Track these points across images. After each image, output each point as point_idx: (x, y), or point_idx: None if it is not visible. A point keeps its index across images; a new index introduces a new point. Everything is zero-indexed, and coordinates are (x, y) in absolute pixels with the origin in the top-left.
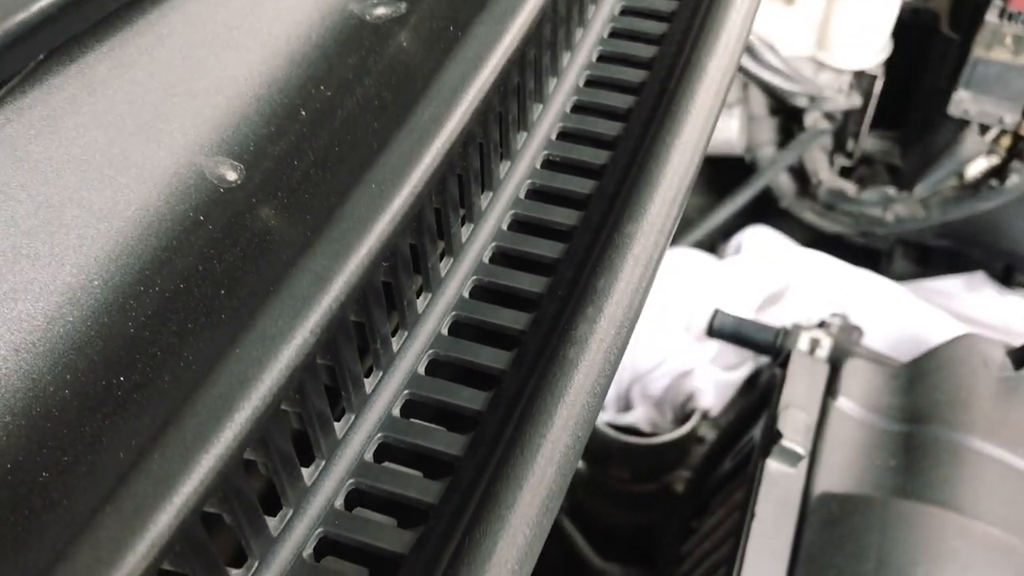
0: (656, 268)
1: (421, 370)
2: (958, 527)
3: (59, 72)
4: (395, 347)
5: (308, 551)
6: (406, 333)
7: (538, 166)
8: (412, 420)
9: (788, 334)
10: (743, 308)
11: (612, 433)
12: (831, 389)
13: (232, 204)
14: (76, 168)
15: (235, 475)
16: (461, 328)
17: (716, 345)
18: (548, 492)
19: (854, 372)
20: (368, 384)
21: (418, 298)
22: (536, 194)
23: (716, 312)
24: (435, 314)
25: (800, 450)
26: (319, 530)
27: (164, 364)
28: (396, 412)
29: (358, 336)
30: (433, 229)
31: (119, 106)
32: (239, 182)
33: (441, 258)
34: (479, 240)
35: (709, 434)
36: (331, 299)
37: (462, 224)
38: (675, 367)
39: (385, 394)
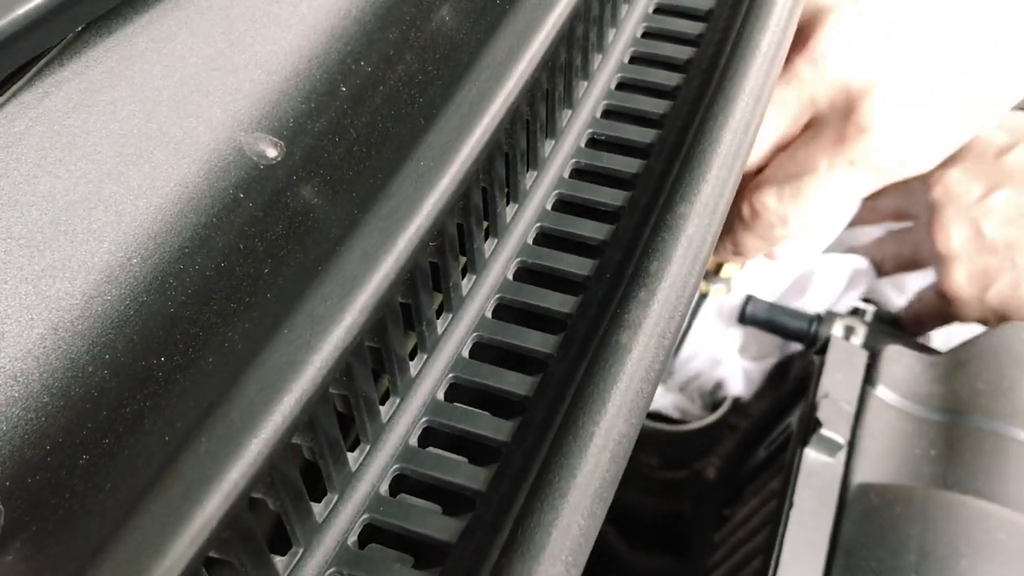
0: (708, 251)
1: (466, 353)
2: (1001, 519)
3: (97, 45)
4: (440, 330)
5: (352, 538)
6: (451, 316)
7: (583, 145)
8: (457, 404)
9: (823, 321)
10: (770, 295)
11: None
12: (870, 377)
13: (273, 181)
14: (114, 143)
15: (283, 460)
16: (506, 311)
17: (745, 332)
18: (602, 481)
19: (893, 360)
20: (412, 367)
21: (462, 280)
22: (581, 173)
23: (749, 298)
24: (480, 296)
25: (840, 439)
26: (364, 516)
27: (207, 345)
28: (441, 396)
29: (403, 318)
30: (479, 209)
31: (157, 80)
32: (279, 159)
33: (485, 239)
34: (523, 221)
35: (740, 422)
36: (380, 279)
37: (506, 204)
38: (705, 353)
39: (430, 378)
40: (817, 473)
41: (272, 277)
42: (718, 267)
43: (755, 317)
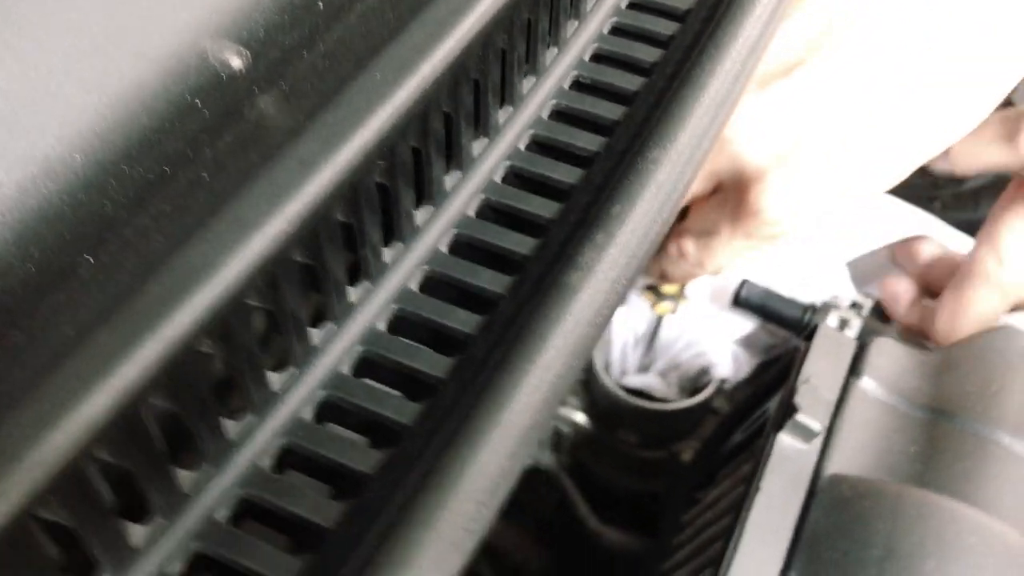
0: (678, 201)
1: (414, 286)
2: (975, 523)
3: None
4: (388, 258)
5: (268, 462)
6: (401, 245)
7: (566, 87)
8: (397, 337)
9: (817, 311)
10: (774, 283)
11: (622, 395)
12: (855, 367)
13: (232, 92)
14: (70, 34)
15: (189, 367)
16: (462, 247)
17: (739, 318)
18: (532, 422)
19: (881, 352)
20: (353, 293)
21: (418, 210)
22: (560, 115)
23: (744, 282)
24: (435, 229)
25: (816, 426)
26: (283, 441)
27: (136, 247)
28: (382, 327)
29: (347, 242)
30: (440, 136)
31: None
32: (243, 70)
33: (448, 171)
34: (491, 157)
35: (722, 407)
36: (315, 189)
37: (475, 138)
38: (695, 335)
39: (371, 306)
40: (789, 459)
41: (213, 185)
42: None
43: (748, 301)
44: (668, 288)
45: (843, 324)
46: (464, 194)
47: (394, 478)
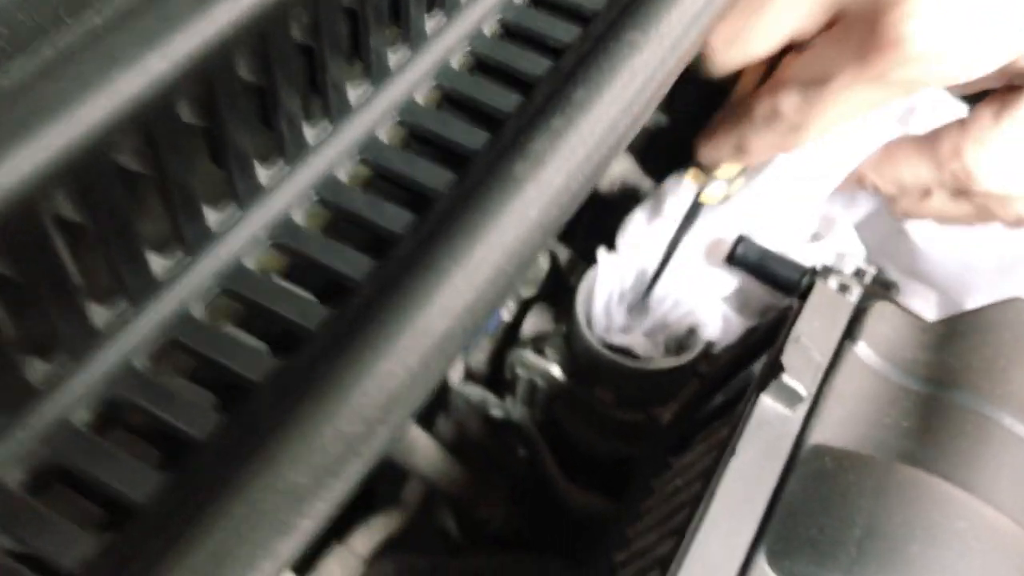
0: (660, 91)
1: (343, 177)
2: (966, 508)
3: None
4: (311, 139)
5: (146, 361)
6: (328, 125)
7: None
8: (319, 234)
9: (817, 274)
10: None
11: (602, 350)
12: (851, 331)
13: None
14: None
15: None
16: (409, 140)
17: (732, 277)
18: (448, 330)
19: (880, 317)
20: (264, 175)
21: (356, 88)
22: (537, 3)
23: (740, 238)
24: (376, 112)
25: (802, 390)
26: (167, 338)
27: None
28: (298, 219)
29: None
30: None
31: None
32: None
33: (395, 45)
34: (449, 36)
35: (707, 370)
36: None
37: (429, 10)
38: (685, 294)
39: (287, 193)
40: (770, 424)
41: None
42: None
43: (744, 259)
44: (723, 170)
45: (843, 289)
46: (412, 75)
47: (284, 386)
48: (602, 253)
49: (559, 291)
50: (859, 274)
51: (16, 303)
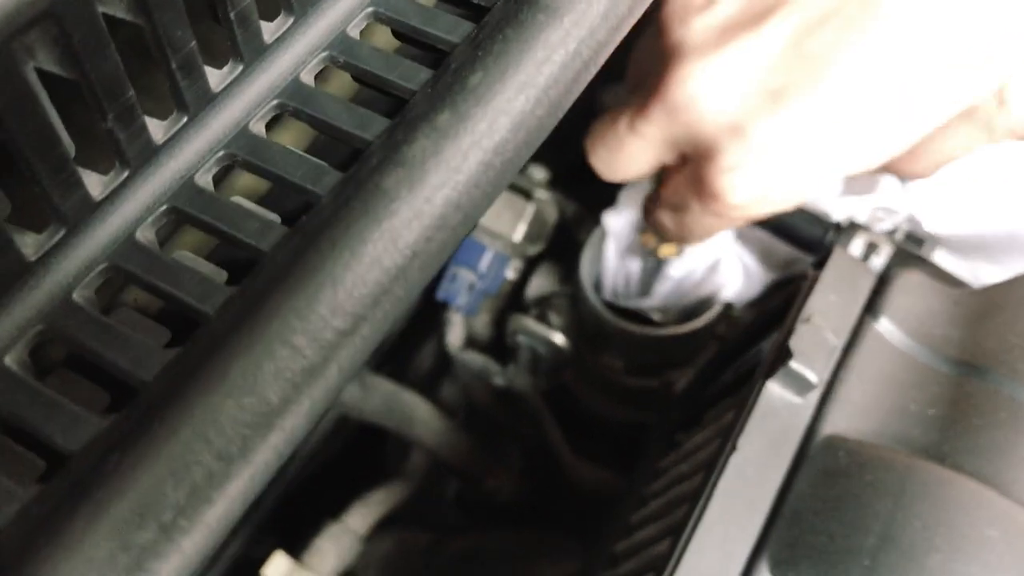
0: (585, 72)
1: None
2: (997, 511)
3: None
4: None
5: (86, 291)
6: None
7: None
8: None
9: (843, 231)
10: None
11: (610, 316)
12: (873, 305)
13: None
14: None
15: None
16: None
17: (754, 236)
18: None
19: (907, 288)
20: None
21: (221, 69)
22: None
23: None
24: (250, 94)
25: (813, 377)
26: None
27: None
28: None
29: None
30: None
31: None
32: None
33: (276, 16)
34: (345, 3)
35: (726, 333)
36: None
37: None
38: (700, 252)
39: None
40: (777, 414)
41: None
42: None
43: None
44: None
45: (870, 251)
46: (300, 49)
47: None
48: (607, 214)
49: (566, 246)
50: (892, 233)
51: (4, 170)
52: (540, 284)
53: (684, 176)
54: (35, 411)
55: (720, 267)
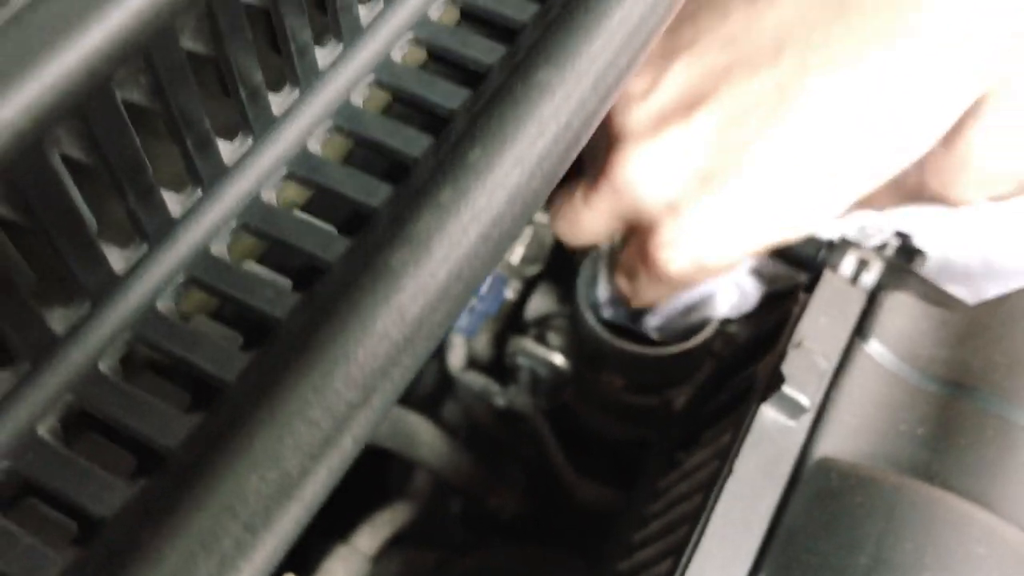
0: (577, 143)
1: (219, 251)
2: (986, 530)
3: None
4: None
5: (111, 361)
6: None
7: None
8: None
9: (834, 248)
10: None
11: (608, 337)
12: (862, 327)
13: None
14: None
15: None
16: (297, 194)
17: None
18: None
19: (896, 309)
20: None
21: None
22: (455, 13)
23: None
24: (258, 166)
25: (805, 401)
26: (128, 337)
27: None
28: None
29: None
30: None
31: None
32: None
33: (282, 88)
34: (349, 70)
35: (723, 350)
36: None
37: (324, 42)
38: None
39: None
40: (771, 437)
41: None
42: None
43: None
44: None
45: (861, 268)
46: (304, 121)
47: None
48: None
49: (563, 268)
50: (881, 248)
51: (32, 250)
52: (539, 305)
53: (632, 246)
54: (67, 478)
55: (712, 285)
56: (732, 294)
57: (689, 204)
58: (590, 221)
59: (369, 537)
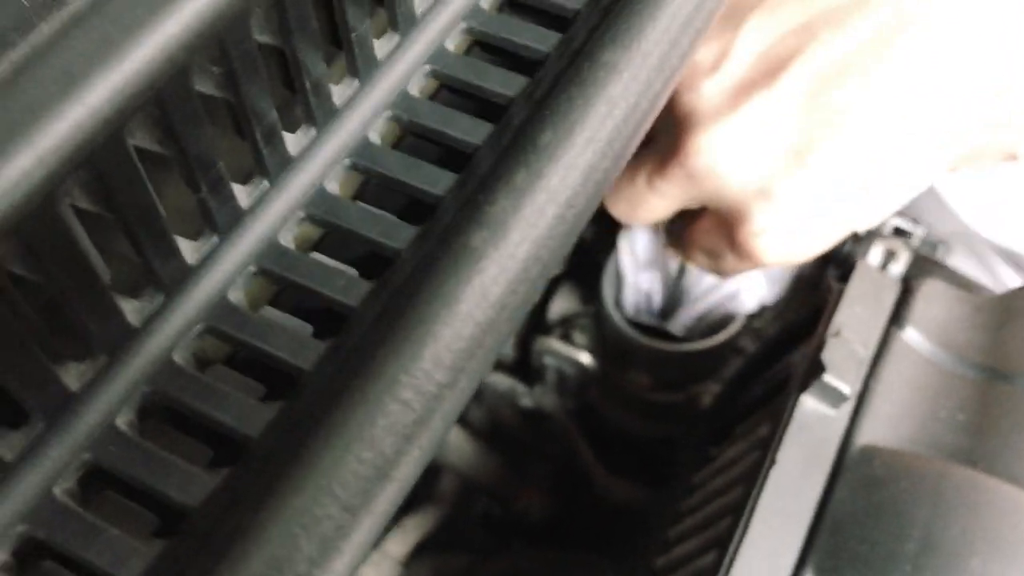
0: (642, 125)
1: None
2: None
3: None
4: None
5: (185, 353)
6: (265, 183)
7: None
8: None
9: (860, 240)
10: None
11: (634, 334)
12: (898, 316)
13: None
14: None
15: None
16: (360, 185)
17: None
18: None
19: (931, 297)
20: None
21: (294, 133)
22: (507, 3)
23: None
24: (323, 157)
25: (846, 389)
26: (200, 327)
27: None
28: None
29: None
30: (310, 22)
31: None
32: None
33: (342, 80)
34: (405, 61)
35: (748, 346)
36: None
37: (382, 33)
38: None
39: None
40: (812, 427)
41: None
42: None
43: None
44: None
45: (888, 258)
46: (364, 110)
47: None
48: (623, 233)
49: (586, 267)
50: (902, 234)
51: (44, 306)
52: (562, 305)
53: (713, 225)
54: (148, 470)
55: (739, 280)
56: (759, 289)
57: (782, 185)
58: (656, 205)
59: (399, 542)
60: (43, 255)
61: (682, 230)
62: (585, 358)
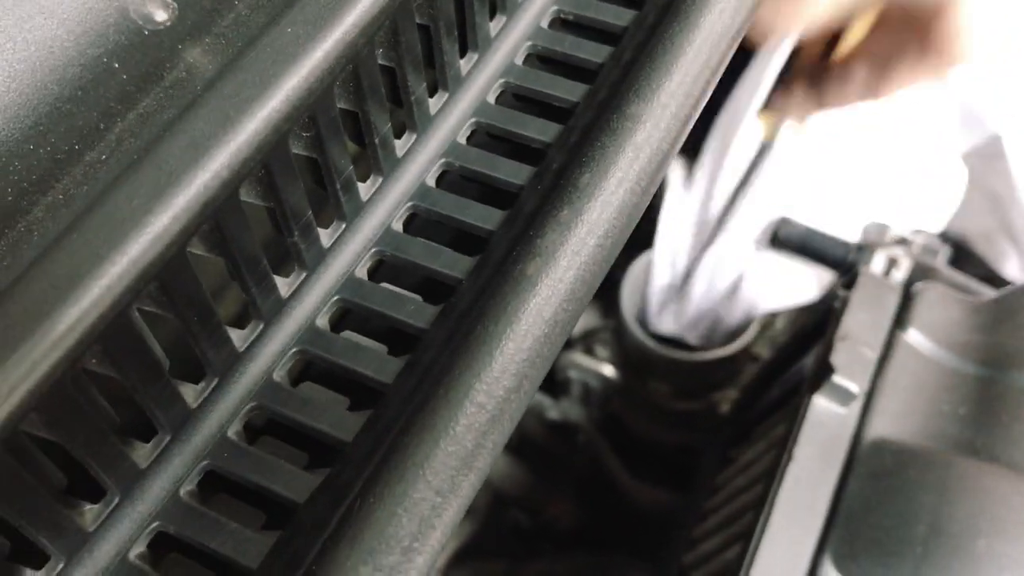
0: (663, 163)
1: (362, 274)
2: None
3: None
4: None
5: (282, 372)
6: (343, 225)
7: (544, 25)
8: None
9: (863, 249)
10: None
11: (653, 345)
12: (901, 319)
13: (155, 49)
14: None
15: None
16: (421, 223)
17: (779, 261)
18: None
19: (931, 300)
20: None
21: (365, 182)
22: (538, 60)
23: (782, 220)
24: (388, 201)
25: (854, 388)
26: (294, 350)
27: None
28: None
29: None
30: (379, 89)
31: None
32: (169, 23)
33: (402, 133)
34: (454, 114)
35: (763, 352)
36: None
37: (434, 92)
38: (730, 278)
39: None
40: (825, 425)
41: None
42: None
43: (788, 240)
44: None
45: (891, 265)
46: (421, 159)
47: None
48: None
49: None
50: (904, 243)
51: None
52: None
53: (902, 26)
54: (258, 472)
55: (747, 292)
56: (769, 304)
57: None
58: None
59: None
60: (175, 293)
61: (848, 41)
62: (607, 370)
